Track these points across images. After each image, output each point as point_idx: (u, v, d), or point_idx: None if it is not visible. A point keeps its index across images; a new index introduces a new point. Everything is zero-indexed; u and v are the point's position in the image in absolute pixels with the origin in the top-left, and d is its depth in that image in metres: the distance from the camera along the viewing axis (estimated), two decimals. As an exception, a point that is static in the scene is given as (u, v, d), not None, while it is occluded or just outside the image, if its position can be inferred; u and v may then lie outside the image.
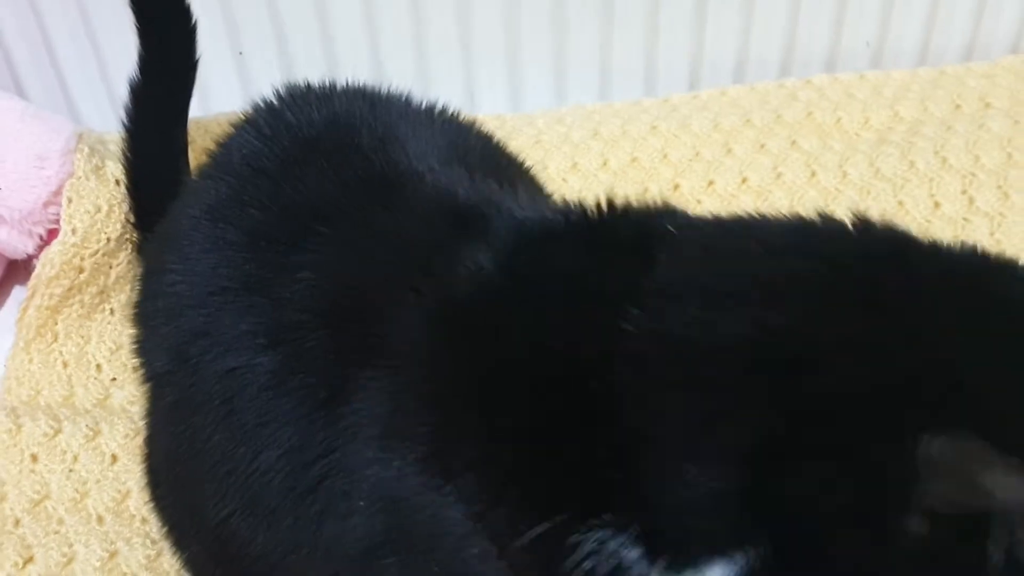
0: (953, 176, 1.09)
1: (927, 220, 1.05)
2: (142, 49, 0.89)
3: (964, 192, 1.08)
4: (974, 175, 1.09)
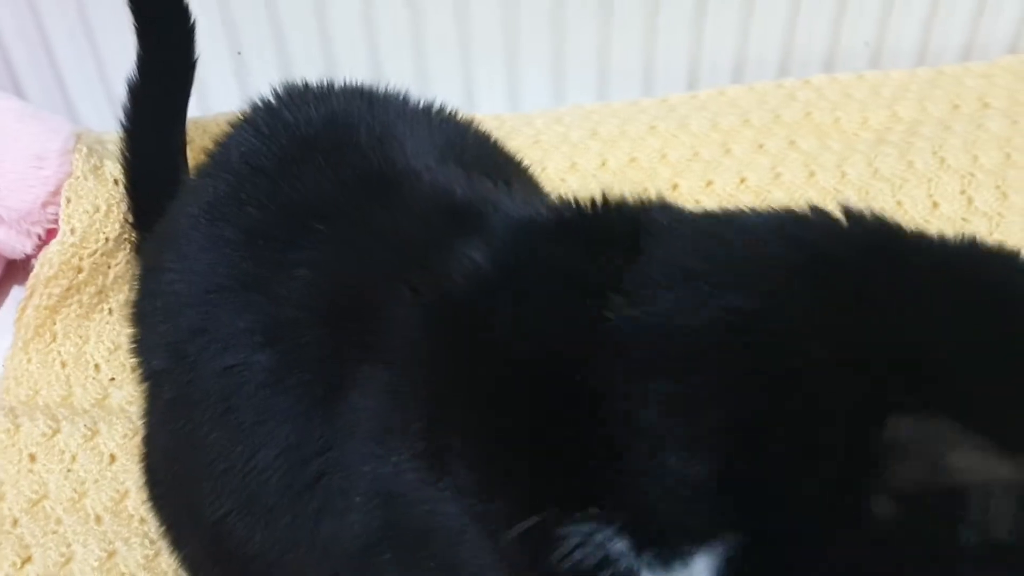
0: (951, 176, 1.09)
1: (926, 220, 1.05)
2: (140, 49, 0.89)
3: (963, 192, 1.08)
4: (972, 175, 1.09)
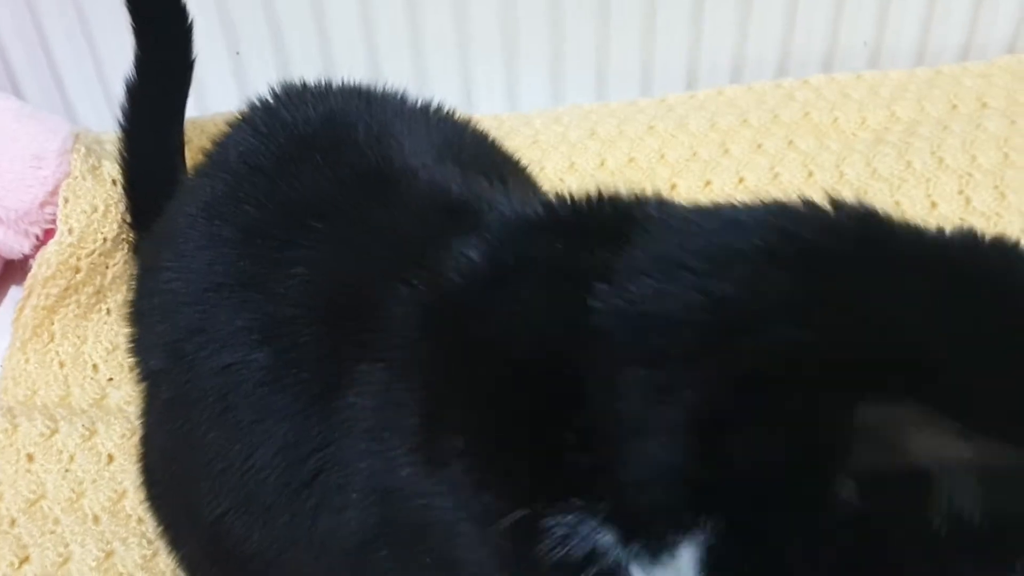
0: (950, 176, 1.09)
1: (924, 220, 1.01)
2: (138, 49, 0.89)
3: (961, 192, 1.08)
4: (971, 175, 1.09)
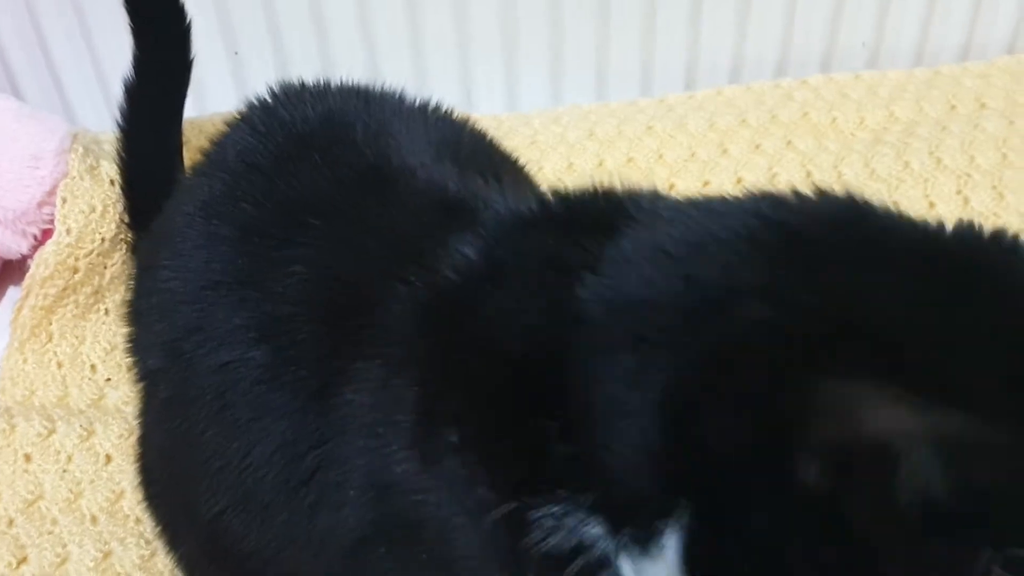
0: (948, 176, 1.09)
1: None
2: (137, 49, 0.89)
3: (959, 192, 1.08)
4: (969, 175, 1.09)
